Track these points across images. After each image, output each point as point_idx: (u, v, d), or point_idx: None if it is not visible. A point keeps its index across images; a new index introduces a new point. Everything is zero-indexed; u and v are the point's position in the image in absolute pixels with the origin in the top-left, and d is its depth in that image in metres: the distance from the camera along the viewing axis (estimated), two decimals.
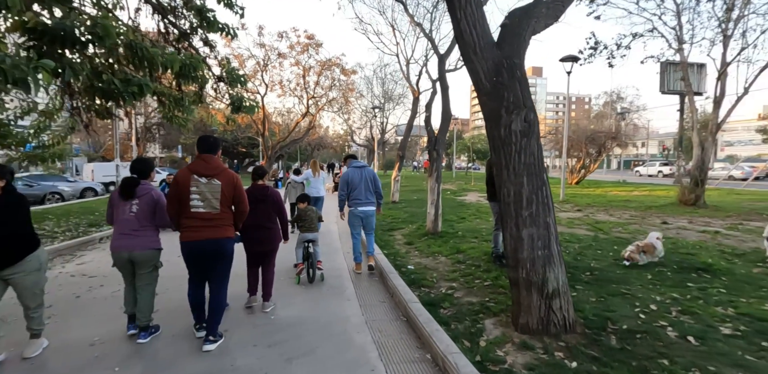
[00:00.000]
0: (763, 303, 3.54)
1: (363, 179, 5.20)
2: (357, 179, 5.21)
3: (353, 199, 5.20)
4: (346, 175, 5.32)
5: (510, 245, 3.29)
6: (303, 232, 4.94)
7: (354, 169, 5.33)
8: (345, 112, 24.96)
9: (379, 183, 5.34)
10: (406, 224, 8.40)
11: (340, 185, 5.35)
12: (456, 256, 5.56)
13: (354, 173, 5.25)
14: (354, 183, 5.19)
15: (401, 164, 12.88)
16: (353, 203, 5.20)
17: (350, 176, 5.26)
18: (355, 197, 5.18)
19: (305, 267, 4.78)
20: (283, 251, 5.69)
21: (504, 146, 3.25)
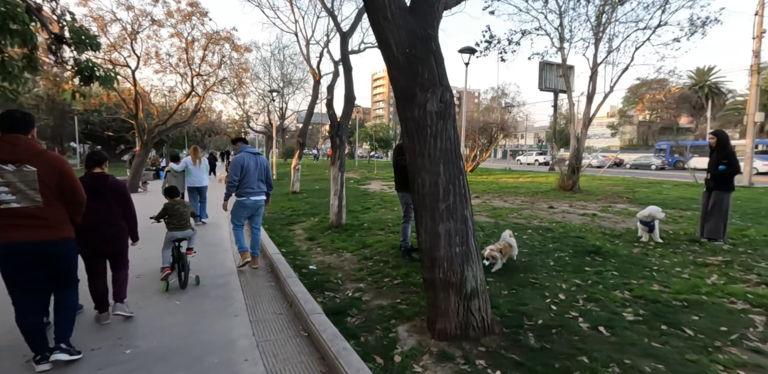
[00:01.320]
0: (651, 283, 3.75)
1: (258, 166, 4.59)
2: (252, 166, 4.55)
3: (245, 187, 4.52)
4: (241, 159, 4.54)
5: (425, 243, 2.91)
6: (171, 230, 4.15)
7: (249, 154, 4.61)
8: (239, 95, 22.84)
9: (270, 172, 4.79)
10: (308, 217, 7.72)
11: (232, 169, 4.55)
12: (362, 251, 5.11)
13: (249, 159, 4.56)
14: (249, 169, 4.51)
15: (302, 151, 12.03)
16: (244, 192, 4.53)
17: (245, 161, 4.52)
18: (247, 185, 4.52)
19: (175, 271, 4.00)
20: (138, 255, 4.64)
21: (418, 130, 2.82)
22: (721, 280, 3.86)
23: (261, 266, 4.76)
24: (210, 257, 5.14)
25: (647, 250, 4.94)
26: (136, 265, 4.14)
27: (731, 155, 5.18)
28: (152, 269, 4.44)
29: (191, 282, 4.08)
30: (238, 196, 4.59)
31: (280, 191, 12.48)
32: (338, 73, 7.77)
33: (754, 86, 17.34)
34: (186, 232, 4.27)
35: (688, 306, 3.23)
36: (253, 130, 25.82)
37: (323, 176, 19.63)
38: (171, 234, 4.19)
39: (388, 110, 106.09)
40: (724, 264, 4.35)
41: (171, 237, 4.18)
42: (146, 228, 4.15)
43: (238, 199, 4.62)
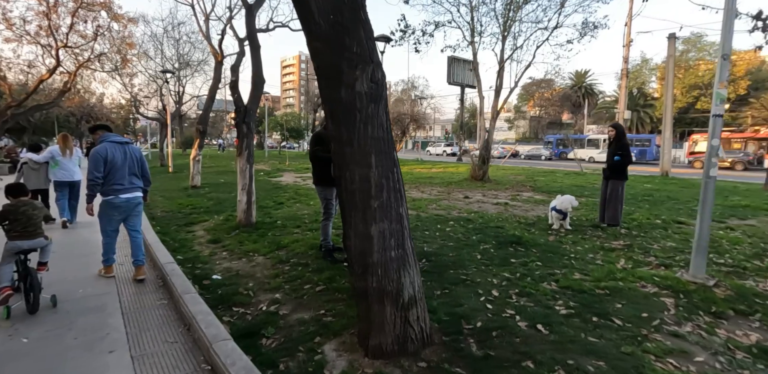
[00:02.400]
0: (572, 272, 3.82)
1: (128, 157, 3.77)
2: (120, 158, 3.72)
3: (112, 184, 3.70)
4: (102, 150, 3.67)
5: (355, 247, 2.48)
6: (13, 239, 3.22)
7: (113, 144, 3.74)
8: (124, 74, 19.72)
9: (146, 165, 4.07)
10: (211, 216, 6.78)
11: (91, 163, 3.64)
12: (277, 254, 4.51)
13: (115, 150, 3.72)
14: (116, 162, 3.69)
15: (202, 140, 10.68)
16: (111, 190, 3.74)
17: (109, 153, 3.66)
18: (115, 181, 3.73)
19: (22, 292, 3.15)
20: None
21: (346, 114, 2.36)
22: (628, 264, 4.10)
23: (149, 279, 3.91)
24: (79, 271, 4.10)
25: (560, 237, 5.15)
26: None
27: (625, 146, 5.63)
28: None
29: (44, 304, 3.18)
30: (105, 195, 3.73)
31: (177, 186, 11.01)
32: (244, 53, 6.86)
33: (624, 88, 19.98)
34: (36, 241, 3.31)
35: (610, 294, 3.31)
36: (144, 116, 22.61)
37: (228, 168, 17.99)
38: (13, 244, 3.19)
39: (298, 99, 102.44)
40: (626, 248, 4.69)
41: (13, 248, 3.19)
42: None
43: (104, 199, 3.74)
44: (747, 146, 29.33)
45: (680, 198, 9.10)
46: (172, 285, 3.54)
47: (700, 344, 2.61)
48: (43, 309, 3.17)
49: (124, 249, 4.82)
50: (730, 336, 2.73)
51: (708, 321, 2.93)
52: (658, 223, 6.14)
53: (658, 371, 2.27)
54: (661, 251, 4.62)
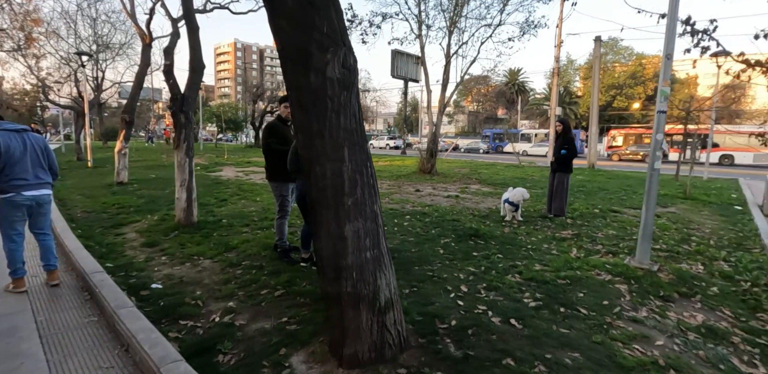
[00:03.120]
0: (533, 263, 3.89)
1: (29, 147, 3.29)
2: (18, 148, 3.20)
3: (12, 179, 3.18)
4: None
5: (326, 248, 2.26)
6: None
7: (7, 133, 3.19)
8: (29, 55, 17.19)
9: (53, 155, 3.53)
10: (143, 215, 6.08)
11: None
12: (226, 256, 4.11)
13: (10, 138, 3.18)
14: (12, 153, 3.15)
15: (129, 132, 9.60)
16: (11, 186, 3.18)
17: (3, 143, 3.12)
18: (15, 175, 3.18)
19: None
20: None
21: (316, 103, 2.11)
22: (581, 253, 4.28)
23: (72, 291, 3.37)
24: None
25: (514, 229, 5.27)
26: None
27: (571, 140, 5.90)
28: None
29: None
30: (3, 192, 3.16)
31: (99, 183, 9.84)
32: (178, 35, 6.18)
33: (555, 86, 21.29)
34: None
35: (571, 284, 3.40)
36: (56, 104, 19.96)
37: (158, 162, 16.55)
38: None
39: (234, 89, 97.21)
40: (575, 237, 4.91)
41: None
42: None
43: (2, 197, 3.17)
44: None
45: (609, 189, 9.85)
46: (102, 298, 3.05)
47: (657, 328, 2.74)
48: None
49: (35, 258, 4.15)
50: (680, 318, 2.91)
51: (659, 305, 3.10)
52: (596, 212, 6.55)
53: (628, 359, 2.33)
54: (606, 239, 4.90)
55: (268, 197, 7.62)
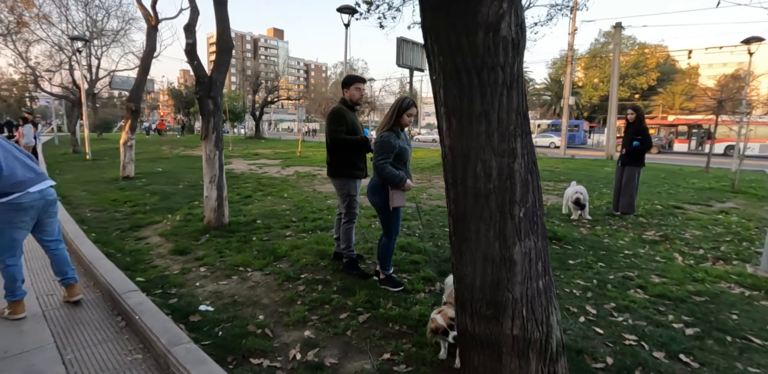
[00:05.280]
0: (646, 274, 3.30)
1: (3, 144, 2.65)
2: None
3: (7, 184, 2.51)
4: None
5: (480, 277, 1.64)
6: None
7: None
8: (20, 41, 16.13)
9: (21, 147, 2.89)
10: (162, 215, 5.41)
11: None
12: (278, 267, 3.47)
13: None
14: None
15: (135, 122, 8.83)
16: (13, 185, 2.53)
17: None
18: (6, 178, 2.51)
19: None
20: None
21: (481, 73, 1.47)
22: (688, 259, 3.70)
23: (99, 309, 2.74)
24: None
25: (592, 230, 4.68)
26: None
27: (644, 131, 5.29)
28: None
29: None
30: (2, 195, 2.50)
31: (102, 177, 9.10)
32: (197, 10, 5.43)
33: (569, 74, 20.67)
34: None
35: (712, 302, 2.82)
36: (49, 93, 18.89)
37: (159, 154, 15.77)
38: None
39: (229, 79, 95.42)
40: (665, 240, 4.32)
41: None
42: None
43: (3, 200, 2.50)
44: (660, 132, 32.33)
45: (649, 182, 9.28)
46: (145, 328, 2.41)
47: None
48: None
49: (43, 271, 3.51)
50: None
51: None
52: (660, 209, 5.98)
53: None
54: (697, 241, 4.32)
55: (294, 193, 6.95)
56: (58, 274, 2.91)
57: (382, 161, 2.78)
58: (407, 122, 2.83)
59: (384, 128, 2.84)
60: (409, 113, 2.80)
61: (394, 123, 2.82)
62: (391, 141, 2.77)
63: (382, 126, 2.86)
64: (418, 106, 12.11)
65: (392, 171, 2.79)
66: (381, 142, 2.79)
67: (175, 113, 51.08)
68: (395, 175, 2.79)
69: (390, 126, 2.81)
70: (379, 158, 2.78)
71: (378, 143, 2.81)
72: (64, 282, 2.92)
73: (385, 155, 2.78)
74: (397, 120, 2.81)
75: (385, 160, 2.78)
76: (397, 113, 2.79)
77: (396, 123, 2.82)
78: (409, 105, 2.80)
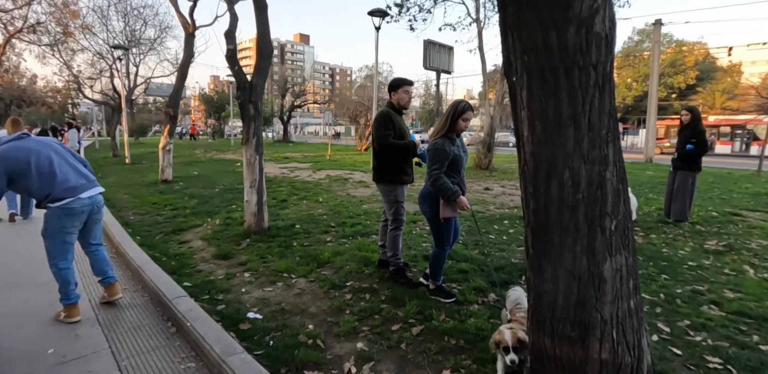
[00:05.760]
0: (718, 288, 3.05)
1: (52, 147, 2.73)
2: (43, 153, 2.62)
3: (61, 189, 2.60)
4: (12, 153, 2.54)
5: (564, 295, 1.51)
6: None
7: (20, 142, 2.64)
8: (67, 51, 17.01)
9: (74, 151, 2.98)
10: (201, 218, 5.48)
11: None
12: (323, 275, 3.41)
13: (31, 146, 2.62)
14: (41, 161, 2.58)
15: (173, 127, 9.07)
16: (65, 191, 2.61)
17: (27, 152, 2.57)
18: (60, 183, 2.60)
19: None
20: None
21: (570, 73, 1.35)
22: (761, 272, 3.41)
23: (149, 314, 2.74)
24: (44, 311, 2.83)
25: (647, 239, 4.41)
26: None
27: (700, 133, 4.96)
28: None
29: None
30: (54, 200, 2.58)
31: (141, 180, 9.40)
32: (236, 16, 5.51)
33: None
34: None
35: None
36: (91, 100, 19.83)
37: (193, 157, 16.19)
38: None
39: None
40: (731, 250, 4.02)
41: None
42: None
43: (55, 205, 2.59)
44: None
45: (698, 186, 8.76)
46: (198, 336, 2.39)
47: None
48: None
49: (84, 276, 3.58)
50: None
51: None
52: (716, 216, 5.60)
53: None
54: (767, 252, 4.00)
55: (328, 197, 6.94)
56: (98, 274, 3.00)
57: (437, 171, 2.61)
58: (463, 128, 2.66)
59: (438, 134, 2.68)
60: (465, 118, 2.63)
61: (449, 129, 2.65)
62: (446, 148, 2.61)
63: (436, 132, 2.70)
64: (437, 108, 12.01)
65: (447, 184, 2.61)
66: (435, 149, 2.62)
67: (206, 117, 52.70)
68: (449, 188, 2.61)
69: (444, 132, 2.65)
70: (433, 167, 2.62)
71: (432, 151, 2.64)
72: (104, 282, 2.99)
73: (439, 164, 2.61)
74: (451, 126, 2.65)
75: (440, 169, 2.62)
76: (451, 117, 2.62)
77: (451, 129, 2.66)
78: (465, 109, 2.63)
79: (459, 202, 2.64)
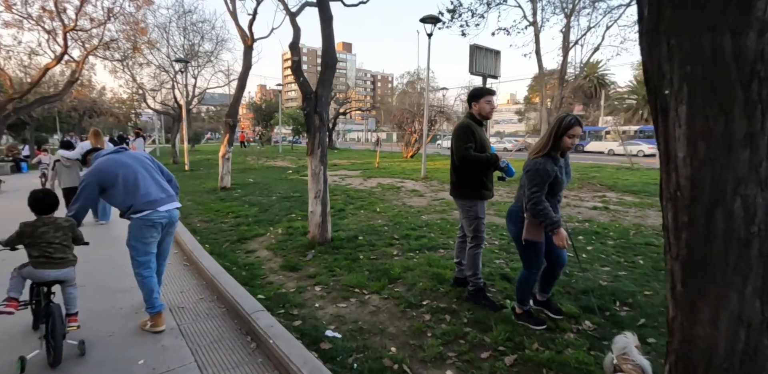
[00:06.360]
0: None
1: (140, 162, 2.89)
2: (132, 167, 2.79)
3: (142, 201, 2.73)
4: (106, 166, 2.74)
5: (724, 341, 1.29)
6: (40, 267, 2.41)
7: (113, 156, 2.84)
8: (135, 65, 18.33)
9: (164, 166, 3.14)
10: (264, 227, 5.57)
11: (87, 187, 2.66)
12: (396, 291, 3.30)
13: (125, 160, 2.80)
14: (128, 175, 2.74)
15: (232, 136, 9.43)
16: (146, 204, 2.74)
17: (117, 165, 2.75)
18: (142, 196, 2.74)
19: (40, 338, 2.39)
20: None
21: (747, 85, 1.15)
22: None
23: (227, 327, 2.74)
24: (123, 321, 2.92)
25: None
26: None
27: None
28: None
29: (70, 352, 2.42)
30: (137, 212, 2.71)
31: (203, 187, 9.81)
32: (299, 28, 5.62)
33: None
34: (62, 272, 2.47)
35: None
36: (154, 110, 21.20)
37: (245, 165, 16.79)
38: (33, 273, 2.41)
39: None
40: None
41: (34, 277, 2.43)
42: None
43: (137, 216, 2.72)
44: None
45: None
46: (281, 355, 2.34)
47: None
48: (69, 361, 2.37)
49: (177, 282, 3.69)
50: None
51: None
52: None
53: None
54: None
55: (385, 207, 6.86)
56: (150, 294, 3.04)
57: (537, 194, 2.35)
58: (570, 145, 2.39)
59: (539, 151, 2.41)
60: (572, 134, 2.34)
61: (552, 147, 2.38)
62: (547, 168, 2.35)
63: (537, 149, 2.44)
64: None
65: (548, 211, 2.34)
66: (535, 170, 2.36)
67: (254, 125, 54.96)
68: (549, 216, 2.34)
69: (547, 150, 2.39)
70: (533, 189, 2.37)
71: (532, 171, 2.38)
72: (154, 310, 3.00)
73: (540, 186, 2.35)
74: (555, 143, 2.38)
75: (540, 192, 2.36)
76: (555, 134, 2.36)
77: (554, 147, 2.39)
78: (571, 124, 2.34)
79: (557, 235, 2.37)
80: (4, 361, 2.34)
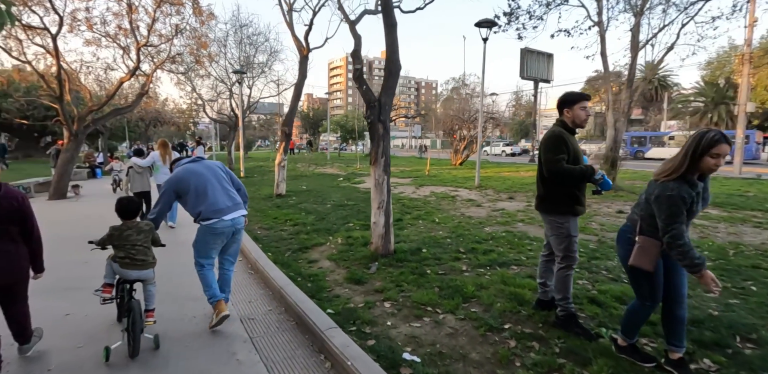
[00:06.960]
0: None
1: (213, 171, 3.03)
2: (204, 176, 2.95)
3: (209, 204, 2.88)
4: (182, 174, 2.95)
5: None
6: (125, 268, 2.64)
7: (189, 165, 3.03)
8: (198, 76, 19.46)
9: (235, 176, 3.24)
10: (323, 236, 5.54)
11: (165, 193, 2.93)
12: (472, 312, 3.07)
13: (199, 169, 2.98)
14: (200, 183, 2.91)
15: (287, 144, 9.62)
16: (212, 212, 2.88)
17: (191, 174, 2.93)
18: (210, 202, 2.88)
19: (122, 331, 2.60)
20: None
21: None
22: None
23: (299, 343, 2.65)
24: (182, 296, 2.91)
25: None
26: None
27: None
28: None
29: (146, 346, 2.65)
30: (204, 220, 2.89)
31: (259, 194, 10.07)
32: (359, 37, 5.59)
33: (746, 76, 17.07)
34: (142, 273, 2.69)
35: None
36: (211, 118, 22.37)
37: (297, 171, 17.18)
38: (118, 269, 2.66)
39: (345, 101, 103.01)
40: None
41: (118, 272, 2.69)
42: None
43: (204, 224, 2.91)
44: None
45: None
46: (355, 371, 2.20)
47: None
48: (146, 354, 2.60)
49: (244, 291, 3.69)
50: None
51: None
52: None
53: None
54: None
55: (443, 217, 6.64)
56: (222, 290, 3.14)
57: (676, 225, 1.94)
58: (712, 167, 1.95)
59: (671, 173, 1.99)
60: (716, 153, 1.91)
61: (688, 168, 1.96)
62: (684, 196, 1.93)
63: (669, 171, 2.01)
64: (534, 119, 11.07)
65: (690, 249, 1.93)
66: (668, 196, 1.95)
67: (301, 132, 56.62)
68: (693, 256, 1.93)
69: (682, 172, 1.97)
70: (669, 221, 1.96)
71: (664, 198, 1.97)
72: (214, 300, 3.03)
73: (676, 217, 1.95)
74: (693, 164, 1.96)
75: (678, 222, 1.95)
76: (693, 153, 1.94)
77: (691, 169, 1.97)
78: (715, 142, 1.91)
79: (703, 277, 1.96)
80: (95, 350, 2.60)
